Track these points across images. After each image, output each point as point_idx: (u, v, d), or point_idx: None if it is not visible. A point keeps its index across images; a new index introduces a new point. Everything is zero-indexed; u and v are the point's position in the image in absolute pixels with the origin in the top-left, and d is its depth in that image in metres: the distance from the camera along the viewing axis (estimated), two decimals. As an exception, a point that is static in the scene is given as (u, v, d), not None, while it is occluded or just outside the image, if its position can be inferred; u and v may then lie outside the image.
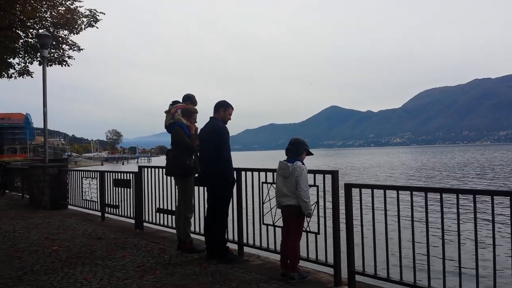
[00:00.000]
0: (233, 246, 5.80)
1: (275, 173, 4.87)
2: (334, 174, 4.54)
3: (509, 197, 3.43)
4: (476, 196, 3.62)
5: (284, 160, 4.66)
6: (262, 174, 5.42)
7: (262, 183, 5.38)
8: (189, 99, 6.35)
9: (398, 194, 4.10)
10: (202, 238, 5.99)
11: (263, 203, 5.30)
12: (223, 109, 5.64)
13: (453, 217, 3.66)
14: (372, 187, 4.34)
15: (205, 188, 5.77)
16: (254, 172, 5.58)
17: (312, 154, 4.88)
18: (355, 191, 4.39)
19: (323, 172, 4.71)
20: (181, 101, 6.27)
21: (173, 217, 6.47)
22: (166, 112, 6.15)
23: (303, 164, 4.57)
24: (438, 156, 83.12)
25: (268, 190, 5.16)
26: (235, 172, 5.68)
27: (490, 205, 3.51)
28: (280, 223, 4.88)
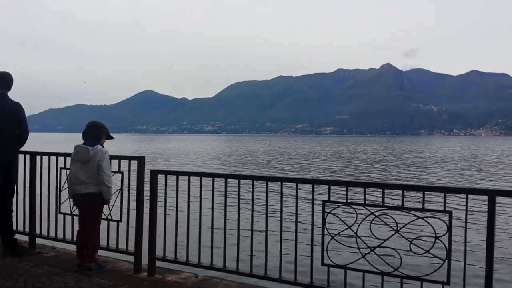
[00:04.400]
0: (23, 238, 5.21)
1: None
2: (141, 160, 4.46)
3: (311, 184, 3.86)
4: (284, 183, 3.93)
5: (83, 144, 4.35)
6: (61, 158, 4.98)
7: (61, 168, 4.95)
8: None
9: (201, 180, 4.26)
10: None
11: (60, 190, 4.89)
12: (12, 83, 4.96)
13: (260, 202, 3.96)
14: (177, 173, 4.46)
15: None
16: (51, 157, 5.09)
17: (112, 138, 4.63)
18: (161, 178, 4.40)
19: (129, 158, 4.59)
20: None
21: None
22: None
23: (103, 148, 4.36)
24: (248, 144, 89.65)
25: (67, 176, 4.77)
26: (28, 155, 5.11)
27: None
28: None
